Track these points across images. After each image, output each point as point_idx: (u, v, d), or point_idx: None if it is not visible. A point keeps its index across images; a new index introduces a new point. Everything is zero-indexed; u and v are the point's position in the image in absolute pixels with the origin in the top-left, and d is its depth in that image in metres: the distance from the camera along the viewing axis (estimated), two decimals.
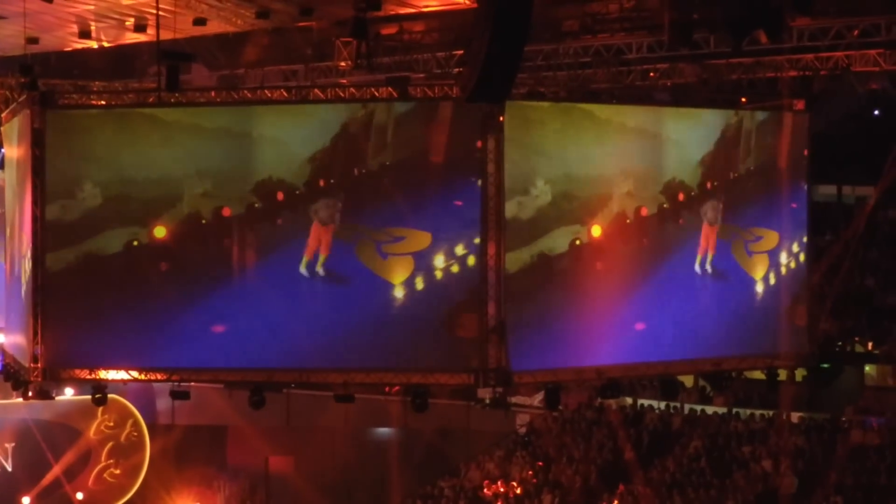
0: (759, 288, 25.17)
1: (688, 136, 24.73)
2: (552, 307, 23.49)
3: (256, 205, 23.62)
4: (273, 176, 23.54)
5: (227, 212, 23.70)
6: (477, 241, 22.87)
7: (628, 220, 24.08)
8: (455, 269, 22.98)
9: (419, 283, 23.03)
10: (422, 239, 22.96)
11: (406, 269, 23.03)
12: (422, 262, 22.98)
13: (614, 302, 24.07)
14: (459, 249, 22.91)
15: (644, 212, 24.20)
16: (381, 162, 23.32)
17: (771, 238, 25.24)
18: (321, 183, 23.41)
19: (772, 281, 25.25)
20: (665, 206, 24.36)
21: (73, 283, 24.11)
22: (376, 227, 23.17)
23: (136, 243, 23.98)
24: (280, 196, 23.51)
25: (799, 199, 25.69)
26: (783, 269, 25.33)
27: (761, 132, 25.18)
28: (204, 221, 23.79)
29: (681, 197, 24.50)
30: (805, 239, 25.67)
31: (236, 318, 23.58)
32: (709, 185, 24.70)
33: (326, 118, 23.61)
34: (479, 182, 22.87)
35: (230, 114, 24.35)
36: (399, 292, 23.09)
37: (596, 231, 23.81)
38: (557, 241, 23.47)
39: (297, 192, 23.48)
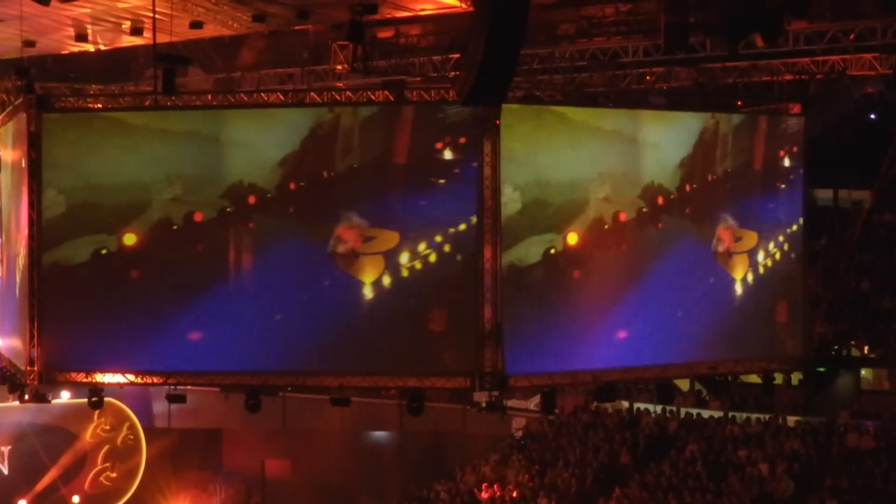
0: (741, 288, 25.11)
1: (666, 139, 24.59)
2: (530, 316, 23.42)
3: (228, 209, 23.60)
4: (244, 180, 23.56)
5: (198, 217, 23.66)
6: (438, 238, 22.94)
7: (606, 226, 23.93)
8: (419, 265, 23.02)
9: (390, 281, 23.06)
10: (391, 238, 23.03)
11: (377, 268, 23.10)
12: (391, 260, 23.05)
13: (601, 307, 23.95)
14: (423, 248, 22.94)
15: (623, 217, 24.06)
16: (349, 164, 23.41)
17: (750, 238, 25.20)
18: (292, 186, 23.47)
19: (751, 280, 25.19)
20: (644, 210, 24.22)
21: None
22: (345, 228, 23.22)
23: (104, 251, 23.87)
24: (252, 200, 23.52)
25: (775, 199, 25.59)
26: (761, 269, 25.26)
27: (737, 135, 25.08)
28: (175, 227, 23.72)
29: (660, 201, 24.35)
30: (781, 238, 25.57)
31: (221, 322, 23.56)
32: (688, 188, 24.59)
33: (294, 122, 23.65)
34: (442, 181, 23.03)
35: (199, 118, 24.27)
36: (371, 291, 23.12)
37: (572, 238, 23.65)
38: (530, 251, 23.33)
39: (269, 196, 23.50)
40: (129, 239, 23.80)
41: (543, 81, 28.76)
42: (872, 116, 35.99)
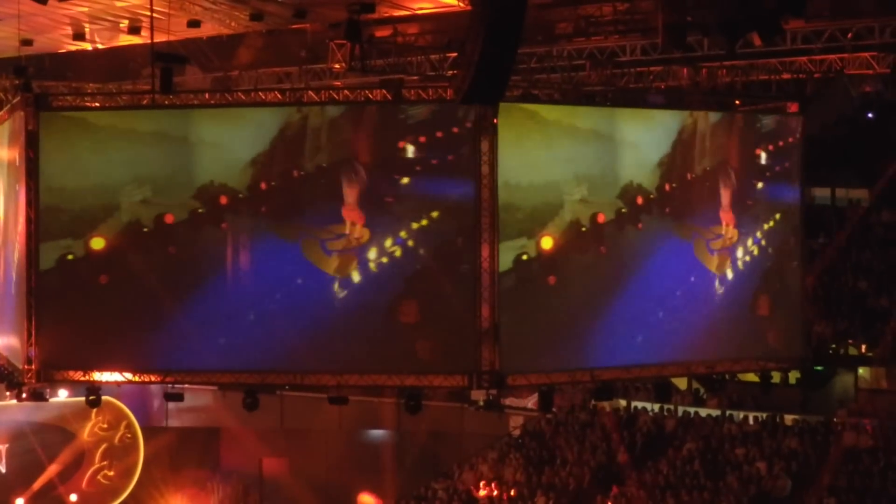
0: (722, 284, 24.93)
1: (644, 138, 24.26)
2: (509, 321, 23.36)
3: (200, 210, 23.46)
4: (215, 180, 23.40)
5: (170, 218, 23.46)
6: (403, 234, 22.93)
7: (584, 228, 23.56)
8: (385, 260, 23.01)
9: (360, 277, 23.07)
10: (362, 234, 23.03)
11: (349, 264, 23.10)
12: (362, 256, 23.09)
13: (580, 312, 23.67)
14: (389, 244, 22.98)
15: (601, 218, 23.71)
16: (318, 164, 23.36)
17: (730, 235, 25.02)
18: (263, 186, 23.41)
19: (732, 276, 25.00)
20: (623, 210, 23.86)
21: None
22: (319, 226, 23.24)
23: (70, 257, 23.63)
24: (224, 200, 23.40)
25: (753, 196, 25.40)
26: (740, 264, 25.10)
27: (715, 134, 24.81)
28: (146, 230, 23.51)
29: (639, 201, 23.99)
30: (759, 234, 25.41)
31: (195, 323, 23.45)
32: (667, 187, 24.30)
33: (263, 122, 23.55)
34: (406, 179, 23.05)
35: (167, 118, 24.02)
36: (343, 287, 23.13)
37: (546, 243, 23.28)
38: (500, 258, 23.01)
39: (241, 196, 23.40)
40: (97, 243, 23.53)
41: (541, 80, 28.77)
42: (870, 115, 36.03)
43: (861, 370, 34.56)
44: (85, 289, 23.82)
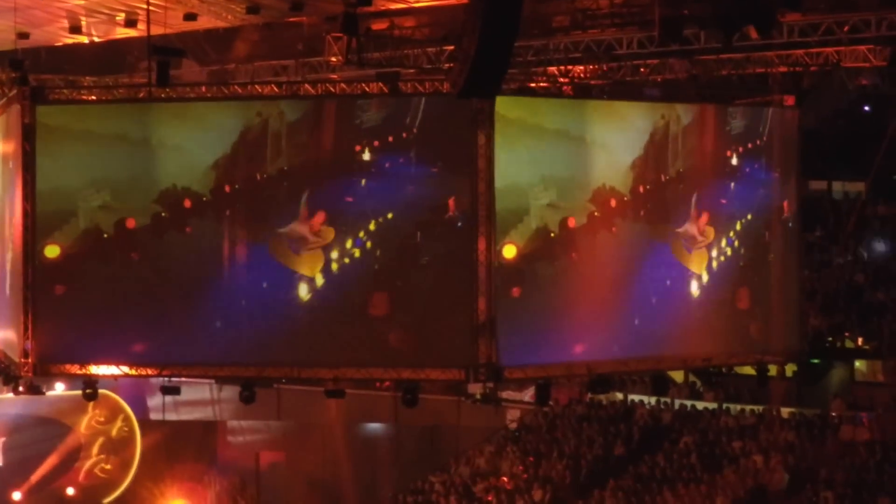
0: (701, 282, 24.69)
1: (616, 140, 23.74)
2: None
3: (163, 214, 23.20)
4: (177, 184, 23.14)
5: (131, 223, 23.17)
6: (361, 234, 22.87)
7: (553, 234, 23.01)
8: (347, 260, 22.90)
9: (328, 275, 22.98)
10: (327, 233, 23.00)
11: (318, 262, 23.04)
12: (328, 255, 22.99)
13: (552, 322, 23.31)
14: (350, 244, 22.90)
15: (572, 223, 23.15)
16: (280, 167, 23.21)
17: (707, 234, 24.87)
18: (227, 189, 23.25)
19: (710, 274, 24.76)
20: (596, 214, 23.33)
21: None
22: (285, 227, 23.14)
23: None
24: (188, 204, 23.17)
25: (727, 195, 25.21)
26: (715, 263, 24.85)
27: (686, 136, 24.38)
28: (106, 236, 23.24)
29: (613, 203, 23.44)
30: (732, 234, 25.26)
31: (163, 331, 23.30)
32: (641, 189, 23.81)
33: (225, 125, 23.29)
34: (363, 180, 22.93)
35: (125, 120, 23.68)
36: (313, 285, 23.05)
37: (509, 252, 22.72)
38: None
39: (205, 199, 23.21)
40: (52, 251, 23.26)
41: (538, 73, 28.76)
42: (867, 108, 36.01)
43: (858, 363, 34.61)
44: (39, 298, 23.51)
